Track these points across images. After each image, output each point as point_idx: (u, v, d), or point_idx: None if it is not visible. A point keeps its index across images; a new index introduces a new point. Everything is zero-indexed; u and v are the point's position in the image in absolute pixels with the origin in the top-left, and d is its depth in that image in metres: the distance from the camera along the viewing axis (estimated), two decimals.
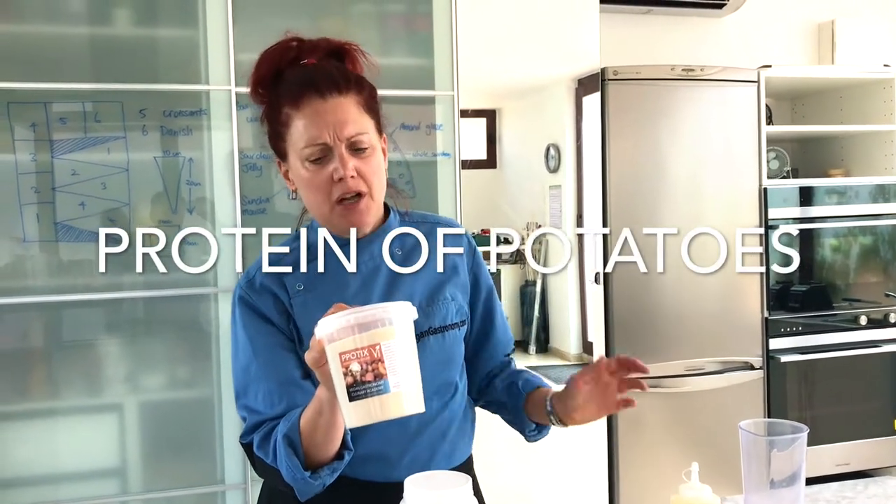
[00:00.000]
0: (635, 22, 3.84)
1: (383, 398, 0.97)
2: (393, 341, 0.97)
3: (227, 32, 2.46)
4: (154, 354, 2.50)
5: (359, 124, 1.24)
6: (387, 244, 1.33)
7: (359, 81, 1.28)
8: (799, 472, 1.18)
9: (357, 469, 1.25)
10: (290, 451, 1.14)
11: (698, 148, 3.34)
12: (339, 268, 1.30)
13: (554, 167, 3.38)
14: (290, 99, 1.24)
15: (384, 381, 0.96)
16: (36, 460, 2.39)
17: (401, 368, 0.98)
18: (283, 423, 1.19)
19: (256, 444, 1.22)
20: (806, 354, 3.49)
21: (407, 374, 0.99)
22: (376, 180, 1.27)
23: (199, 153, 2.47)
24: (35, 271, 2.37)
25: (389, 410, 0.98)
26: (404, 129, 2.66)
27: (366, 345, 0.96)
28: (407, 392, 0.99)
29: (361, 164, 1.24)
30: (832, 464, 3.51)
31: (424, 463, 1.30)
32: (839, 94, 3.90)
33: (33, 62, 2.35)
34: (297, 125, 1.23)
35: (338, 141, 1.22)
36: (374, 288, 1.30)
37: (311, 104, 1.22)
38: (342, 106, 1.23)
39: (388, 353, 0.97)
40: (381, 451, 1.27)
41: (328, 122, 1.22)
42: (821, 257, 3.61)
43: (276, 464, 1.18)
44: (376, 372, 0.96)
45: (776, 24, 4.09)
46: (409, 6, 2.70)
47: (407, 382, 0.98)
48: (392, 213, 1.38)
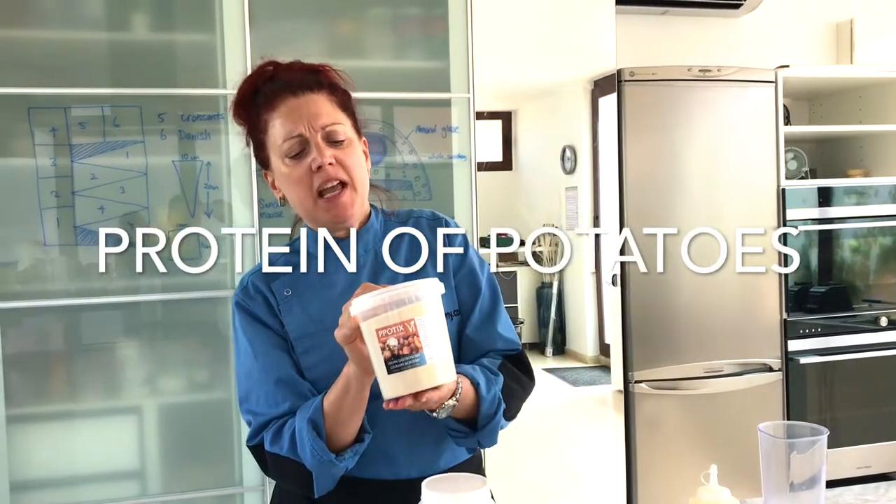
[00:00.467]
0: (652, 23, 3.83)
1: (418, 370, 1.04)
2: (425, 317, 1.04)
3: (243, 37, 2.47)
4: (172, 357, 2.51)
5: (333, 117, 1.28)
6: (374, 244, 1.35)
7: (332, 85, 1.32)
8: (819, 475, 1.17)
9: (363, 469, 1.26)
10: (315, 434, 1.18)
11: (715, 149, 3.32)
12: (324, 271, 1.33)
13: (570, 168, 3.37)
14: (266, 105, 1.29)
15: (420, 354, 1.03)
16: (55, 462, 2.41)
17: (433, 341, 1.04)
18: (302, 412, 1.21)
19: (268, 441, 1.25)
20: (825, 356, 3.46)
21: (439, 347, 1.05)
22: (357, 172, 1.29)
23: (216, 157, 2.49)
24: (55, 275, 2.39)
25: (424, 381, 1.04)
26: (420, 132, 2.66)
27: (401, 321, 1.03)
28: (440, 363, 1.06)
29: (340, 153, 1.27)
30: (853, 467, 3.48)
31: (430, 460, 1.31)
32: (858, 93, 3.86)
33: (53, 68, 2.38)
34: (274, 125, 1.28)
35: (313, 131, 1.26)
36: (357, 287, 1.30)
37: (285, 103, 1.27)
38: (315, 101, 1.28)
39: (421, 327, 1.03)
40: (385, 449, 1.28)
41: (302, 115, 1.26)
42: (840, 258, 3.58)
43: (293, 454, 1.21)
44: (412, 346, 1.03)
45: (794, 24, 4.07)
46: (425, 9, 2.70)
47: (439, 354, 1.05)
48: (374, 214, 1.39)
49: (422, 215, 1.42)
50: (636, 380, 3.21)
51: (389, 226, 1.39)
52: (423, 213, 1.43)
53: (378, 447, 1.27)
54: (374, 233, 1.37)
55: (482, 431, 1.27)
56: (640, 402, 3.22)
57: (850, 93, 3.91)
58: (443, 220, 1.42)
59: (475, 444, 1.30)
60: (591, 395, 3.34)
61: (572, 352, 3.45)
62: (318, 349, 1.28)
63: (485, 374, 1.28)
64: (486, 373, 1.30)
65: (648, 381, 3.22)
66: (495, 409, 1.27)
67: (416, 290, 1.04)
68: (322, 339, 1.27)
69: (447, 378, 1.08)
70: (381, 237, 1.37)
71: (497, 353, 1.37)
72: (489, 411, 1.26)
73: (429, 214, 1.43)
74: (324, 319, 1.28)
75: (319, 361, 1.28)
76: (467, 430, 1.27)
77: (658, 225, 3.20)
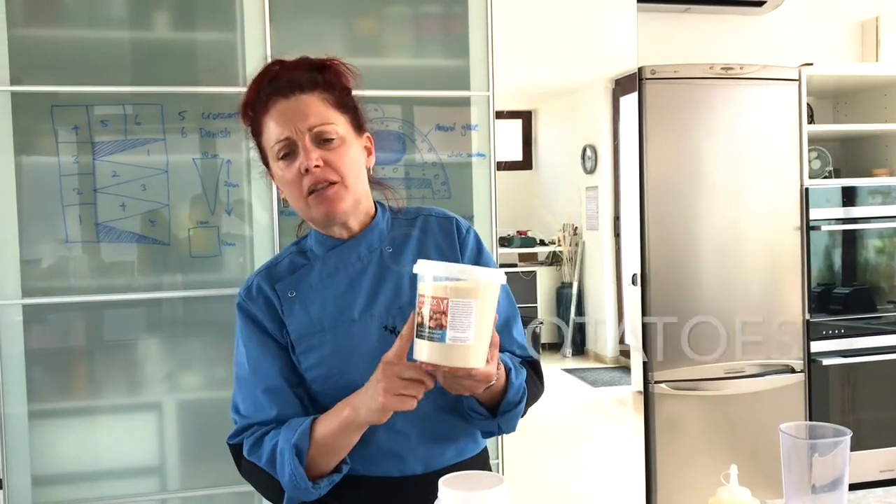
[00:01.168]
0: (673, 20, 3.80)
1: (437, 345, 1.06)
2: (463, 300, 1.05)
3: (264, 35, 2.48)
4: (193, 354, 2.53)
5: (322, 117, 1.27)
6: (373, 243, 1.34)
7: (328, 83, 1.31)
8: (842, 477, 1.15)
9: (371, 466, 1.28)
10: (297, 460, 1.20)
11: (738, 148, 3.29)
12: (326, 270, 1.33)
13: (590, 168, 3.36)
14: (261, 108, 1.30)
15: (443, 332, 1.05)
16: (77, 457, 2.43)
17: (462, 325, 1.05)
18: (288, 431, 1.22)
19: (247, 448, 1.28)
20: (848, 357, 3.43)
21: (467, 333, 1.06)
22: (349, 171, 1.28)
23: (236, 155, 2.50)
24: (77, 271, 2.41)
25: (441, 357, 1.06)
26: (439, 130, 2.66)
27: (438, 296, 1.06)
28: (462, 347, 1.06)
29: (329, 154, 1.26)
30: (876, 470, 3.44)
31: (437, 456, 1.31)
32: (883, 92, 3.82)
33: (76, 66, 2.40)
34: (267, 127, 1.29)
35: (300, 133, 1.25)
36: (360, 288, 1.32)
37: (276, 106, 1.28)
38: (303, 102, 1.27)
39: (453, 308, 1.05)
40: (391, 447, 1.28)
41: (289, 118, 1.26)
42: (864, 259, 3.54)
43: (270, 469, 1.23)
44: (438, 322, 1.05)
45: (818, 22, 4.03)
46: (445, 7, 2.70)
47: (465, 339, 1.06)
48: (380, 212, 1.38)
49: (431, 213, 1.41)
50: (656, 380, 3.19)
51: (396, 224, 1.39)
52: (433, 212, 1.42)
53: (386, 445, 1.28)
54: (378, 232, 1.36)
55: (504, 416, 1.28)
56: (660, 402, 3.20)
57: (875, 91, 3.86)
58: (454, 219, 1.41)
59: (495, 427, 1.31)
60: (610, 395, 3.33)
61: (591, 352, 3.44)
62: (317, 349, 1.29)
63: (513, 361, 1.31)
64: (514, 361, 1.32)
65: (669, 382, 3.20)
66: (520, 397, 1.29)
67: (462, 273, 1.07)
68: (321, 340, 1.29)
69: (466, 362, 1.07)
70: (387, 236, 1.36)
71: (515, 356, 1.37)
72: (514, 398, 1.27)
73: (439, 213, 1.42)
74: (323, 320, 1.29)
75: (318, 362, 1.28)
76: (488, 414, 1.28)
77: (679, 224, 3.19)
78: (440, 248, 1.37)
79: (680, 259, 3.24)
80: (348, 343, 1.28)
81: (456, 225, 1.40)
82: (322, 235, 1.35)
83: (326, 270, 1.33)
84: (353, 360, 1.27)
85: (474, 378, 1.13)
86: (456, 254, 1.37)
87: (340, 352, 1.28)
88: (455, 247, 1.37)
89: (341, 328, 1.29)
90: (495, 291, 1.09)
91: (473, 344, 1.07)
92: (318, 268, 1.34)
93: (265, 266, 1.38)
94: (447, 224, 1.39)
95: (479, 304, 1.06)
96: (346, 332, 1.29)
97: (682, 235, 3.24)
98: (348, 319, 1.29)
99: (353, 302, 1.30)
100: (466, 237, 1.39)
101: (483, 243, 1.42)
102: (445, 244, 1.37)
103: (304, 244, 1.39)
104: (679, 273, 3.24)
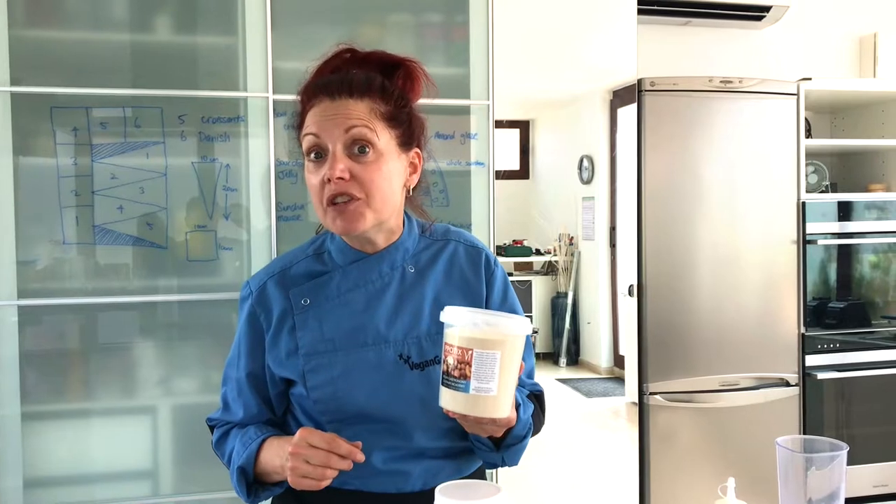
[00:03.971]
0: (673, 33, 3.82)
1: (462, 395, 1.06)
2: (488, 352, 1.05)
3: (265, 40, 2.48)
4: (188, 358, 2.52)
5: (363, 126, 1.19)
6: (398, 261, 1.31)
7: (386, 89, 1.24)
8: (838, 491, 1.15)
9: (369, 482, 1.26)
10: (242, 480, 1.25)
11: (736, 161, 3.30)
12: (345, 284, 1.28)
13: (587, 178, 3.36)
14: (308, 100, 1.25)
15: (466, 383, 1.05)
16: (69, 460, 2.42)
17: (487, 376, 1.05)
18: (241, 446, 1.26)
19: (214, 440, 1.35)
20: (843, 372, 3.43)
21: (491, 384, 1.06)
22: (376, 187, 1.20)
23: (235, 159, 2.50)
24: (73, 273, 2.40)
25: (465, 407, 1.06)
26: (439, 138, 2.66)
27: (463, 346, 1.05)
28: (486, 398, 1.06)
29: (359, 167, 1.19)
30: (870, 485, 3.44)
31: (434, 474, 1.28)
32: (881, 107, 3.83)
33: (76, 68, 2.40)
34: (307, 120, 1.23)
35: (334, 139, 1.19)
36: (379, 308, 1.27)
37: (320, 104, 1.22)
38: (348, 107, 1.20)
39: (478, 360, 1.05)
40: (390, 467, 1.26)
41: (327, 119, 1.20)
42: (859, 273, 3.55)
43: (227, 467, 1.30)
44: (462, 372, 1.05)
45: (816, 37, 4.05)
46: (446, 16, 2.71)
47: (489, 389, 1.06)
48: (407, 229, 1.33)
49: (460, 239, 1.37)
50: (651, 391, 3.19)
51: (423, 243, 1.34)
52: (462, 237, 1.38)
53: (382, 464, 1.26)
54: (403, 251, 1.31)
55: (508, 450, 1.27)
56: (654, 414, 3.20)
57: (872, 107, 3.88)
58: (483, 251, 1.37)
59: (498, 459, 1.29)
60: (604, 406, 3.32)
61: (586, 363, 3.44)
62: (325, 369, 1.24)
63: (521, 395, 1.27)
64: (522, 395, 1.29)
65: (663, 394, 3.20)
66: (526, 431, 1.27)
67: (489, 324, 1.06)
68: (331, 360, 1.24)
69: (490, 413, 1.07)
70: (411, 255, 1.32)
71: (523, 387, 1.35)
72: (521, 433, 1.25)
73: (468, 240, 1.37)
74: (335, 339, 1.25)
75: (325, 382, 1.24)
76: (492, 446, 1.26)
77: (677, 234, 3.19)
78: (466, 278, 1.33)
79: (676, 271, 3.24)
80: (360, 368, 1.24)
81: (485, 258, 1.36)
82: (344, 244, 1.30)
83: (346, 284, 1.28)
84: (363, 386, 1.23)
85: (497, 424, 1.13)
86: (481, 286, 1.33)
87: (350, 376, 1.24)
88: (481, 280, 1.34)
89: (354, 351, 1.25)
90: (521, 342, 1.08)
91: (498, 395, 1.06)
92: (336, 279, 1.28)
93: (279, 267, 1.32)
94: (475, 255, 1.35)
95: (505, 356, 1.05)
96: (359, 356, 1.24)
97: (678, 247, 3.25)
98: (362, 342, 1.25)
99: (370, 322, 1.26)
100: (495, 271, 1.36)
101: (509, 282, 1.39)
102: (472, 275, 1.33)
103: (322, 246, 1.33)
104: (675, 285, 3.24)
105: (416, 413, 1.23)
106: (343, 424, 1.24)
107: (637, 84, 3.19)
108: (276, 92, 2.48)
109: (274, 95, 2.48)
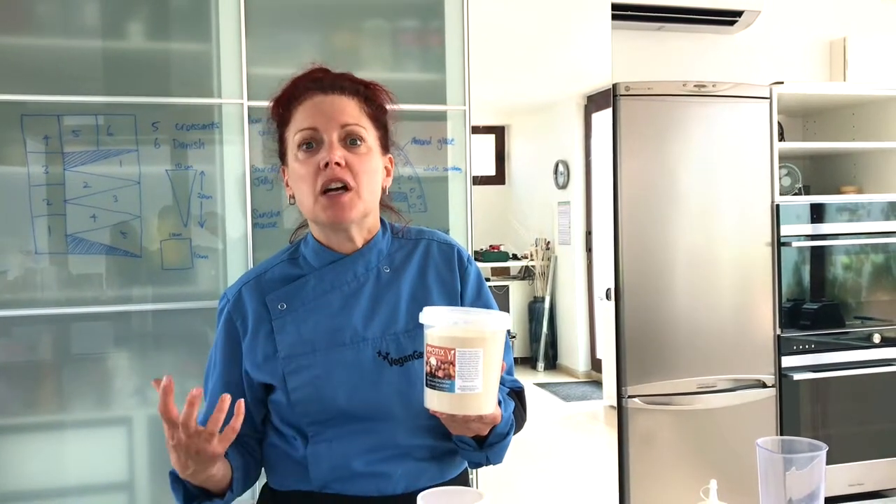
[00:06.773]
0: (647, 38, 3.85)
1: (448, 395, 1.07)
2: (470, 350, 1.06)
3: (239, 47, 2.47)
4: (163, 368, 2.49)
5: (357, 119, 1.27)
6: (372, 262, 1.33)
7: (368, 95, 1.31)
8: (818, 491, 1.16)
9: (350, 485, 1.26)
10: (175, 485, 1.30)
11: (710, 164, 3.33)
12: (321, 287, 1.30)
13: (563, 183, 3.37)
14: (296, 99, 1.29)
15: (451, 382, 1.06)
16: (44, 473, 2.38)
17: (471, 374, 1.07)
18: None
19: None
20: (819, 372, 3.47)
21: (476, 381, 1.07)
22: (366, 178, 1.26)
23: (210, 167, 2.48)
24: (45, 283, 2.37)
25: (451, 406, 1.08)
26: (416, 144, 2.66)
27: (445, 346, 1.06)
28: (472, 395, 1.08)
29: (353, 157, 1.25)
30: (845, 484, 3.47)
31: (416, 477, 1.28)
32: (851, 110, 3.89)
33: (47, 75, 2.36)
34: (296, 116, 1.28)
35: (329, 128, 1.24)
36: (355, 308, 1.29)
37: (312, 98, 1.28)
38: (342, 101, 1.27)
39: (461, 359, 1.06)
40: (372, 469, 1.26)
41: (324, 111, 1.26)
42: (833, 275, 3.59)
43: None
44: (446, 372, 1.06)
45: (788, 41, 4.10)
46: (422, 22, 2.70)
47: (474, 387, 1.07)
48: (381, 230, 1.36)
49: (433, 238, 1.40)
50: (629, 395, 3.20)
51: (397, 244, 1.37)
52: (435, 236, 1.41)
53: (363, 467, 1.26)
54: (377, 251, 1.33)
55: (492, 448, 1.27)
56: (633, 417, 3.21)
57: (843, 110, 3.93)
58: (455, 247, 1.40)
59: (483, 458, 1.30)
60: (582, 410, 3.33)
61: (564, 367, 3.44)
62: (305, 370, 1.26)
63: (502, 393, 1.29)
64: (503, 393, 1.30)
65: (642, 396, 3.21)
66: (508, 428, 1.28)
67: (468, 322, 1.07)
68: (311, 361, 1.26)
69: (475, 411, 1.09)
70: (386, 256, 1.34)
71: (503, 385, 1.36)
72: (503, 430, 1.26)
73: (441, 238, 1.40)
74: (314, 341, 1.27)
75: (306, 383, 1.25)
76: (476, 445, 1.27)
77: (652, 240, 3.21)
78: (440, 275, 1.35)
79: (653, 274, 3.26)
80: (340, 367, 1.25)
81: (458, 254, 1.38)
82: (320, 246, 1.32)
83: (321, 287, 1.30)
84: (343, 384, 1.25)
85: (483, 421, 1.15)
86: (456, 283, 1.36)
87: (330, 375, 1.25)
88: (455, 276, 1.36)
89: (333, 351, 1.26)
90: (502, 336, 1.10)
91: (483, 391, 1.08)
92: (312, 283, 1.31)
93: (254, 274, 1.35)
94: (448, 251, 1.38)
95: (487, 352, 1.07)
96: (338, 356, 1.26)
97: (654, 251, 3.27)
98: (340, 342, 1.27)
99: (348, 323, 1.28)
100: (468, 268, 1.38)
101: (483, 278, 1.41)
102: (446, 271, 1.36)
103: (297, 251, 1.36)
104: (652, 288, 3.26)
105: (397, 409, 1.25)
106: (324, 426, 1.25)
107: (612, 89, 3.21)
108: (250, 98, 2.47)
109: (249, 102, 2.47)
